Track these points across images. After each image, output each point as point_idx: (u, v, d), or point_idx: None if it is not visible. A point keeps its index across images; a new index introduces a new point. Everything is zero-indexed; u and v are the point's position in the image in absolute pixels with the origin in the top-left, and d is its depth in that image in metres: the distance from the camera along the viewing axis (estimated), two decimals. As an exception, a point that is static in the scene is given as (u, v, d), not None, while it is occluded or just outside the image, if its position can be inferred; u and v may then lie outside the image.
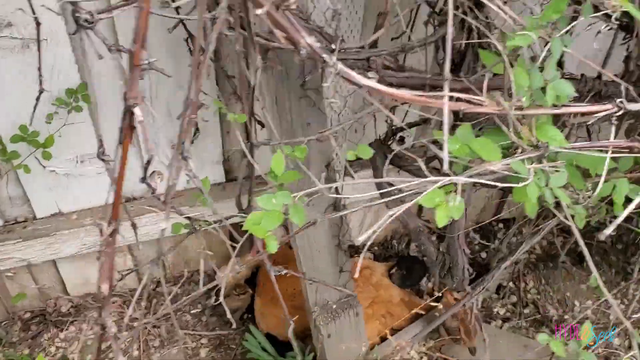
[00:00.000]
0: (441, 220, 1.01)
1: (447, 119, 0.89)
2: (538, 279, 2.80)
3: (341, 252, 2.14)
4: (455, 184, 1.03)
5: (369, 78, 1.36)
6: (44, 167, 2.15)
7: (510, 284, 2.79)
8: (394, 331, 2.47)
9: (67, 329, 2.64)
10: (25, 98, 1.92)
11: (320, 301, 2.16)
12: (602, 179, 1.08)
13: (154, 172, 2.48)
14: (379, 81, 1.43)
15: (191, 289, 2.78)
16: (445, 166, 0.92)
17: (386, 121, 2.03)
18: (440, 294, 2.35)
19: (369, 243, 1.12)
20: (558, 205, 1.75)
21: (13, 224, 2.33)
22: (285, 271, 1.58)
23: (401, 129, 2.06)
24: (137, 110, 0.84)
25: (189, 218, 1.33)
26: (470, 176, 1.05)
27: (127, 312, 2.64)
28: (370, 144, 2.02)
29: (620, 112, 1.07)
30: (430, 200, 1.03)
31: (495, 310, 2.68)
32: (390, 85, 1.47)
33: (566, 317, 2.63)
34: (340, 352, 2.21)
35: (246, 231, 1.11)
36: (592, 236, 2.95)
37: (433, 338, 2.60)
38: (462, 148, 1.00)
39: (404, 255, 2.93)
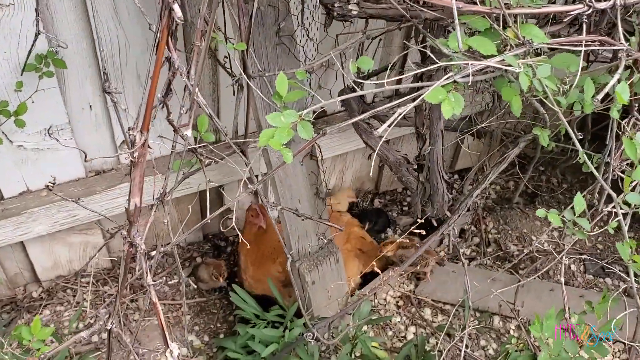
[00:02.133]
0: (447, 113, 1.11)
1: (456, 15, 0.99)
2: (497, 220, 2.98)
3: (319, 201, 2.22)
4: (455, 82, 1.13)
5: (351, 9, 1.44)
6: (11, 142, 2.11)
7: (472, 227, 2.95)
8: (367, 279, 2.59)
9: (41, 313, 2.59)
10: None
11: (302, 250, 2.24)
12: (579, 72, 1.21)
13: (123, 141, 2.49)
14: (359, 13, 1.52)
15: (165, 261, 2.78)
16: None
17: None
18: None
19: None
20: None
21: (-21, 206, 2.27)
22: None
23: (368, 76, 2.16)
24: (176, 7, 0.87)
25: (193, 150, 1.37)
26: (466, 75, 1.14)
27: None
28: (341, 91, 2.12)
29: (589, 11, 1.21)
30: (434, 96, 1.12)
31: (462, 251, 2.84)
32: (371, 16, 1.56)
33: (525, 251, 2.82)
34: (325, 297, 2.29)
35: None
36: (541, 179, 3.18)
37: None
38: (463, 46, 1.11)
39: (368, 209, 3.05)
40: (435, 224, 2.41)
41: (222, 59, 2.04)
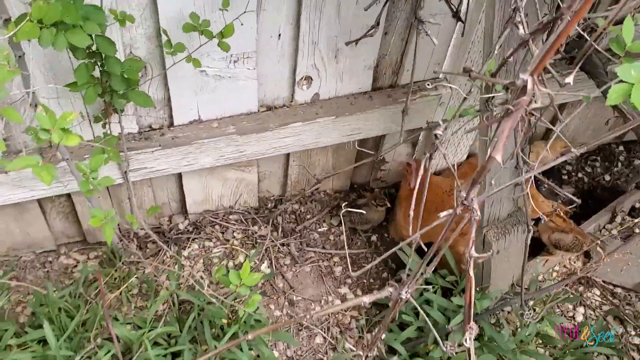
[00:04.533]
0: None
1: None
2: (672, 201, 2.73)
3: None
4: None
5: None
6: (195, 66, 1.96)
7: (644, 206, 2.72)
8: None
9: (189, 247, 2.51)
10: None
11: (491, 215, 2.05)
12: None
13: (302, 77, 2.31)
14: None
15: (313, 207, 2.65)
16: None
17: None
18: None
19: None
20: None
21: (148, 130, 2.15)
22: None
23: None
24: None
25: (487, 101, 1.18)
26: None
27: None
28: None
29: None
30: None
31: (636, 229, 2.62)
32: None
33: None
34: (504, 269, 2.12)
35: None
36: None
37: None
38: None
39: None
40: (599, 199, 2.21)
41: None
